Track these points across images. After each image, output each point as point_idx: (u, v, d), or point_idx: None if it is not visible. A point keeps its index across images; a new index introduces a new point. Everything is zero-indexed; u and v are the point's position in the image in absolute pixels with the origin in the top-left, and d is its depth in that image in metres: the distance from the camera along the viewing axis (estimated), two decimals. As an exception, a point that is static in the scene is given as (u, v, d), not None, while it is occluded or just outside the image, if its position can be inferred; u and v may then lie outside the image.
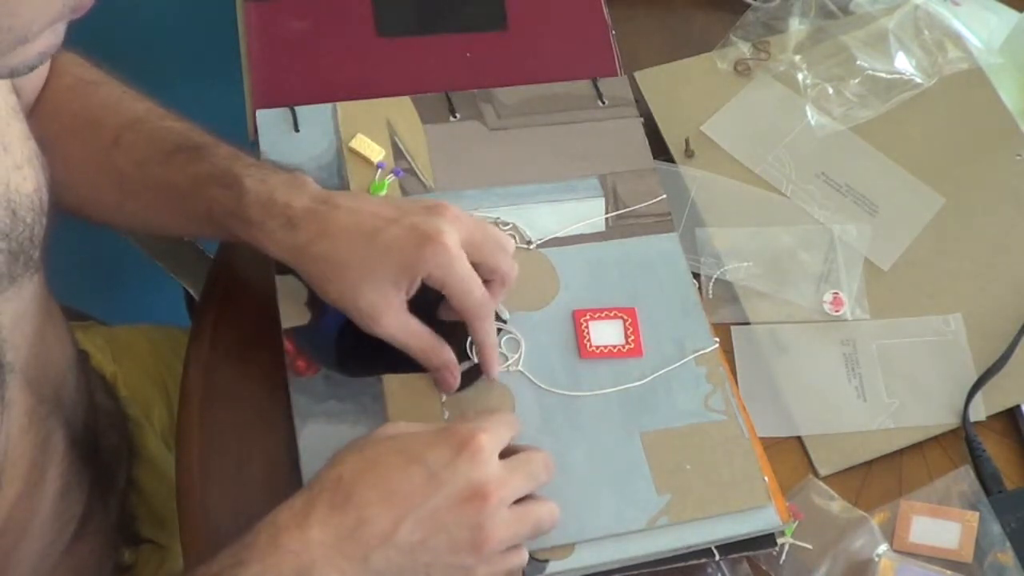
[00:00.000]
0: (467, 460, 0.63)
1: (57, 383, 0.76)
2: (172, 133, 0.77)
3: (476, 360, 0.76)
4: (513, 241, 0.76)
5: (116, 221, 0.81)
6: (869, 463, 0.79)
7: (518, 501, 0.65)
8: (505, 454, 0.66)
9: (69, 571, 0.80)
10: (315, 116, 0.86)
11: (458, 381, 0.74)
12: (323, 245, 0.71)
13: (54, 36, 0.54)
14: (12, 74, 0.54)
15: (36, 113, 0.79)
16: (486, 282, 0.72)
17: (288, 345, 0.76)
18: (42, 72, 0.81)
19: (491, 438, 0.65)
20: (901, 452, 0.80)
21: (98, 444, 0.84)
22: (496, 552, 0.63)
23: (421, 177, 0.84)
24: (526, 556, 0.66)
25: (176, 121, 0.79)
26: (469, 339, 0.77)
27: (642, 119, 0.90)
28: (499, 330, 0.78)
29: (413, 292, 0.72)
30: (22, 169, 0.68)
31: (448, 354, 0.74)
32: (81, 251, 0.81)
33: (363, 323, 0.72)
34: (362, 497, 0.62)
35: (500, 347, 0.77)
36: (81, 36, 0.61)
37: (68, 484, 0.77)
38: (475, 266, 0.72)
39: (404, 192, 0.84)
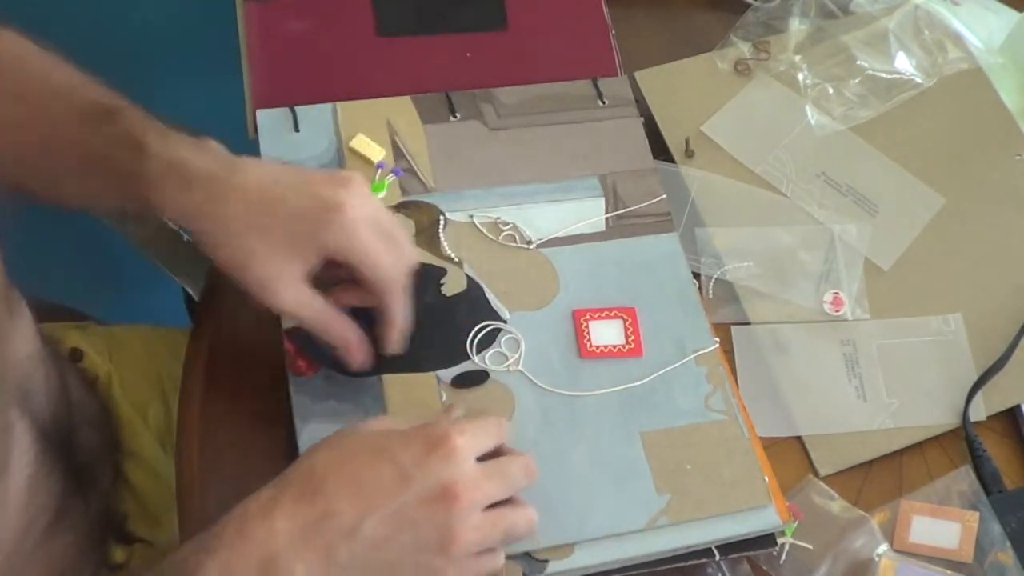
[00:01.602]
0: (440, 459, 0.62)
1: (19, 375, 0.76)
2: (90, 96, 0.75)
3: (476, 360, 0.76)
4: (410, 230, 0.74)
5: (38, 193, 0.79)
6: (869, 463, 0.79)
7: (497, 505, 0.65)
8: (497, 456, 0.66)
9: (46, 564, 0.80)
10: (315, 116, 0.86)
11: (364, 358, 0.72)
12: (217, 207, 0.69)
13: None
14: None
15: None
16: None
17: (288, 345, 0.76)
18: None
19: (468, 440, 0.64)
20: (901, 452, 0.80)
21: (72, 439, 0.83)
22: (466, 554, 0.63)
23: (421, 177, 0.84)
24: (501, 561, 0.65)
25: (99, 87, 0.77)
26: (469, 338, 0.77)
27: (642, 119, 0.90)
28: (499, 330, 0.78)
29: (316, 267, 0.70)
30: None
31: (349, 331, 0.72)
32: (81, 251, 0.81)
33: (256, 294, 0.69)
34: (330, 490, 0.62)
35: (500, 347, 0.77)
36: (81, 36, 0.61)
37: (36, 475, 0.77)
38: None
39: (404, 192, 0.84)
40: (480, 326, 0.78)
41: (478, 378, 0.75)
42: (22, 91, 0.78)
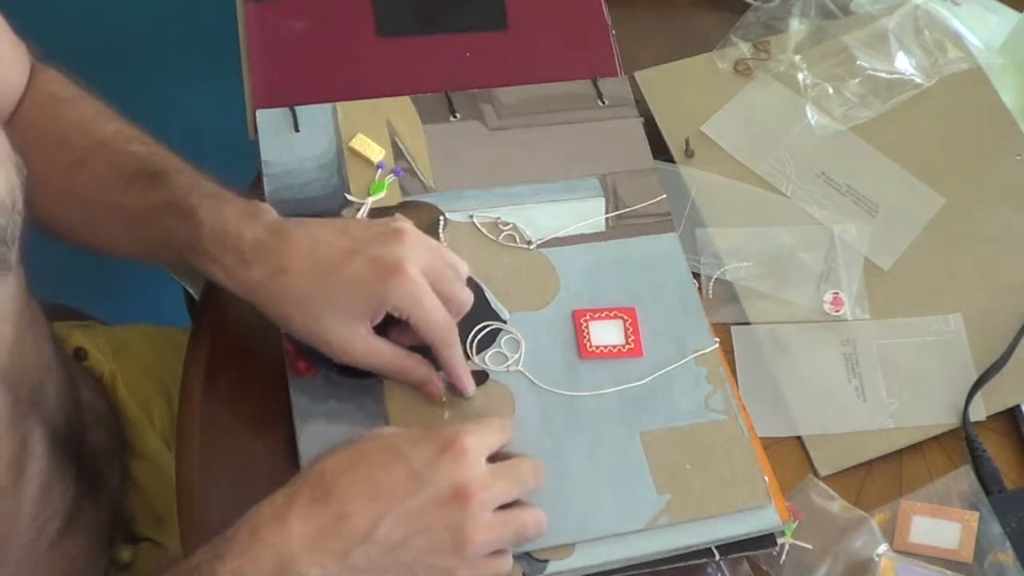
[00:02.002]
0: (451, 460, 0.63)
1: (35, 382, 0.76)
2: (134, 158, 0.76)
3: (475, 360, 0.76)
4: (467, 265, 0.75)
5: (81, 241, 0.80)
6: (869, 463, 0.79)
7: (507, 507, 0.65)
8: (498, 460, 0.66)
9: (58, 566, 0.80)
10: (315, 116, 0.86)
11: (442, 389, 0.74)
12: (281, 281, 0.70)
13: None
14: None
15: (9, 128, 0.79)
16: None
17: (288, 345, 0.76)
18: (17, 83, 0.81)
19: (477, 440, 0.64)
20: (901, 452, 0.80)
21: (83, 442, 0.83)
22: (478, 555, 0.63)
23: (421, 177, 0.84)
24: (510, 562, 0.66)
25: (143, 145, 0.78)
26: (469, 339, 0.77)
27: (642, 119, 0.90)
28: (499, 330, 0.78)
29: (379, 321, 0.71)
30: None
31: (423, 370, 0.73)
32: (81, 251, 0.81)
33: (333, 354, 0.71)
34: (343, 492, 0.62)
35: (500, 347, 0.77)
36: (81, 37, 0.61)
37: (50, 481, 0.77)
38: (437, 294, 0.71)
39: (404, 192, 0.84)
40: (480, 326, 0.78)
41: (478, 379, 0.75)
42: (64, 139, 0.78)
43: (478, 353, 0.77)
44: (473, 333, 0.77)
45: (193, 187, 0.74)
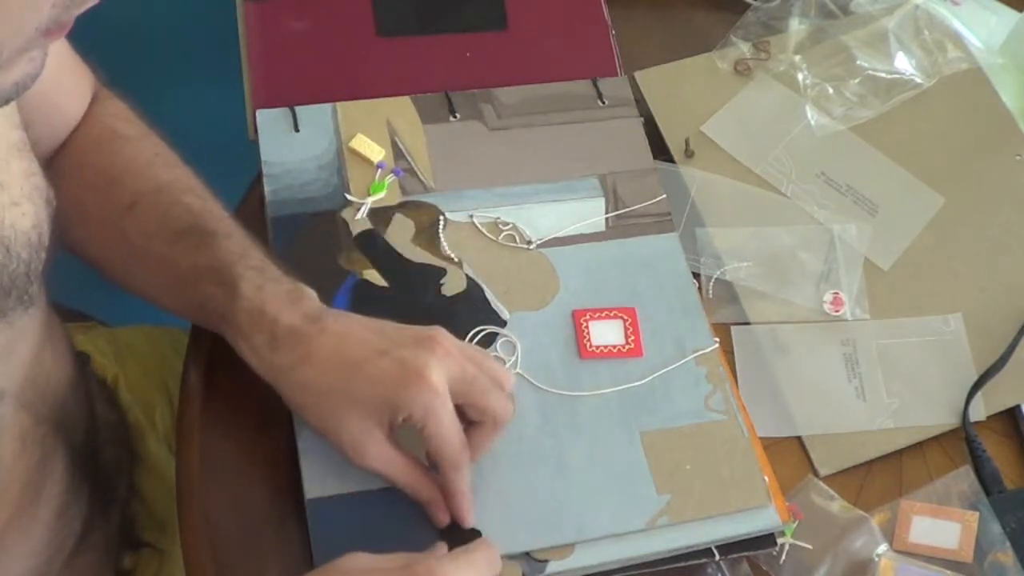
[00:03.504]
0: None
1: (56, 402, 0.76)
2: (187, 212, 0.74)
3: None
4: (513, 378, 0.71)
5: (123, 284, 0.78)
6: (869, 463, 0.79)
7: None
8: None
9: None
10: (315, 116, 0.86)
11: (448, 517, 0.69)
12: (305, 371, 0.68)
13: (31, 65, 0.51)
14: None
15: (60, 159, 0.77)
16: (475, 424, 0.69)
17: (288, 345, 0.76)
18: (75, 114, 0.79)
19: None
20: (901, 452, 0.80)
21: (98, 457, 0.83)
22: None
23: (421, 177, 0.84)
24: None
25: (198, 199, 0.75)
26: (467, 337, 0.77)
27: (642, 119, 0.90)
28: (495, 334, 0.78)
29: (397, 426, 0.68)
30: (20, 205, 0.66)
31: (433, 493, 0.69)
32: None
33: (345, 454, 0.68)
34: None
35: (497, 350, 0.77)
36: (81, 37, 0.61)
37: (67, 502, 0.77)
38: (465, 406, 0.68)
39: (404, 192, 0.84)
40: (476, 330, 0.77)
41: (470, 536, 0.70)
42: (118, 179, 0.76)
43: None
44: (469, 337, 0.77)
45: (240, 256, 0.71)
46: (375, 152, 0.85)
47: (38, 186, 0.68)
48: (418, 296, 0.79)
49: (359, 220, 0.82)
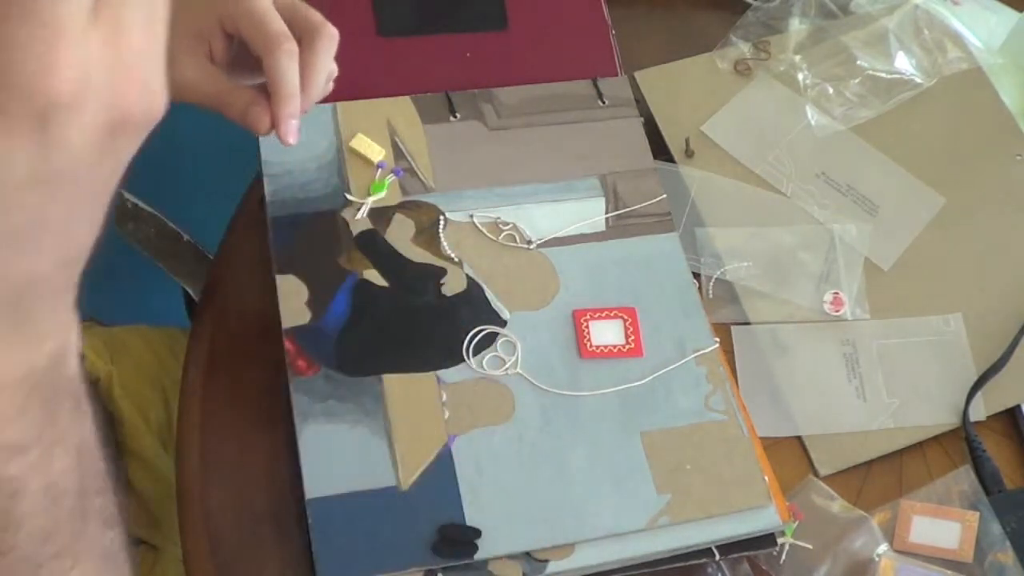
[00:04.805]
0: None
1: None
2: None
3: (472, 364, 0.76)
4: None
5: None
6: (869, 463, 0.79)
7: None
8: None
9: None
10: (315, 116, 0.86)
11: (268, 115, 0.65)
12: None
13: None
14: None
15: None
16: (307, 44, 0.65)
17: (288, 345, 0.76)
18: None
19: None
20: (901, 452, 0.80)
21: None
22: None
23: (421, 177, 0.84)
24: None
25: None
26: (465, 341, 0.77)
27: (642, 119, 0.90)
28: (495, 334, 0.78)
29: (218, 48, 0.65)
30: None
31: (247, 92, 0.66)
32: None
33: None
34: None
35: (497, 350, 0.77)
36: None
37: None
38: (288, 23, 0.65)
39: (404, 192, 0.84)
40: (476, 330, 0.77)
41: (471, 535, 0.70)
42: None
43: (476, 355, 0.77)
44: (469, 337, 0.77)
45: None
46: (375, 152, 0.85)
47: None
48: (418, 296, 0.79)
49: (359, 220, 0.82)
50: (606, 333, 0.79)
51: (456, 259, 0.81)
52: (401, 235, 0.82)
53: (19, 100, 0.33)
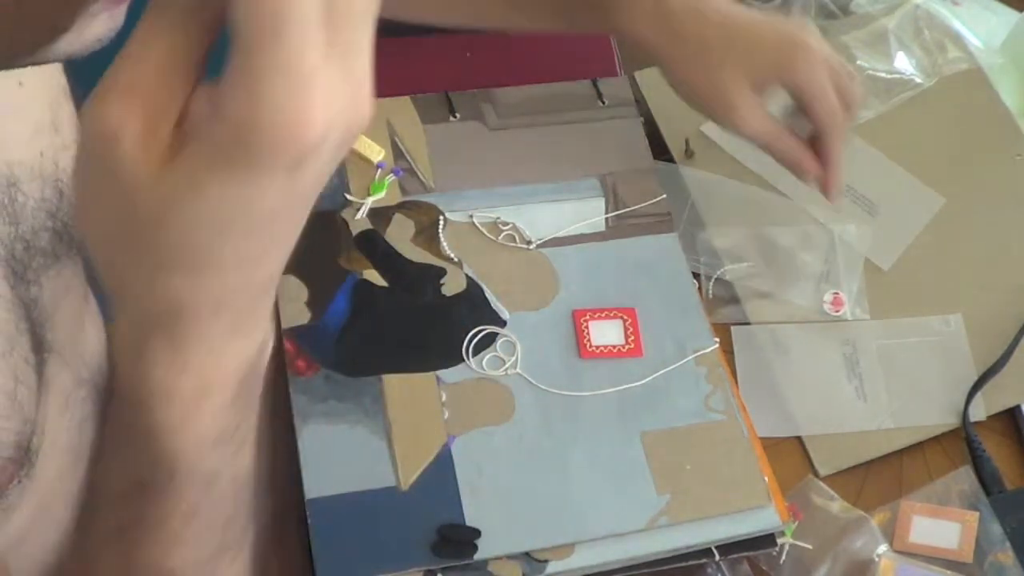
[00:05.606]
0: None
1: (93, 366, 0.76)
2: None
3: (472, 364, 0.76)
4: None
5: (441, 19, 0.82)
6: (869, 463, 0.79)
7: None
8: None
9: None
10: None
11: (816, 165, 0.75)
12: (693, 24, 0.73)
13: (112, 20, 0.52)
14: (69, 58, 0.52)
15: None
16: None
17: (288, 345, 0.76)
18: None
19: None
20: (901, 452, 0.80)
21: None
22: None
23: (421, 177, 0.84)
24: None
25: None
26: (465, 342, 0.77)
27: (642, 119, 0.90)
28: (495, 334, 0.78)
29: (765, 98, 0.73)
30: (70, 149, 0.66)
31: (803, 149, 0.75)
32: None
33: (721, 116, 0.74)
34: None
35: (496, 351, 0.77)
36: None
37: None
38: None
39: (404, 192, 0.84)
40: (475, 330, 0.77)
41: (470, 535, 0.70)
42: None
43: (475, 355, 0.77)
44: (469, 338, 0.77)
45: None
46: (375, 152, 0.85)
47: None
48: (418, 296, 0.79)
49: (359, 220, 0.82)
50: (606, 333, 0.79)
51: (456, 259, 0.81)
52: (401, 235, 0.82)
53: (273, 152, 0.36)
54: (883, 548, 0.74)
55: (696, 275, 0.84)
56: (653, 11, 0.73)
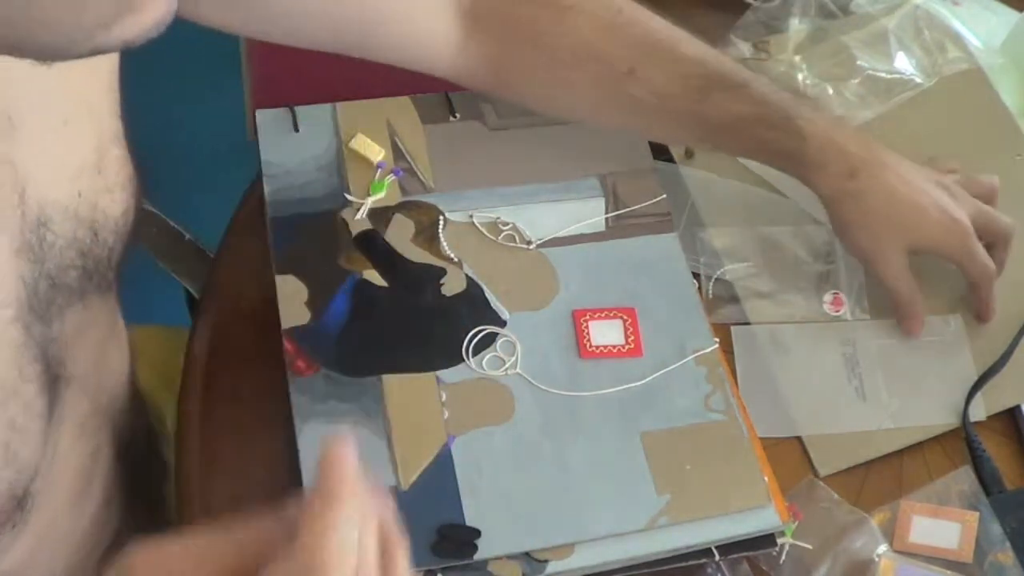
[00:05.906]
0: None
1: (113, 394, 0.76)
2: (698, 67, 0.81)
3: (472, 364, 0.76)
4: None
5: (608, 124, 0.86)
6: (869, 463, 0.79)
7: None
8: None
9: None
10: (315, 116, 0.86)
11: (919, 331, 0.82)
12: (873, 200, 0.79)
13: (169, 3, 0.51)
14: (125, 46, 0.49)
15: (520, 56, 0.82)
16: (989, 246, 0.82)
17: (288, 345, 0.76)
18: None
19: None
20: (901, 452, 0.80)
21: (141, 455, 0.84)
22: None
23: (421, 177, 0.84)
24: None
25: (692, 46, 0.82)
26: (465, 342, 0.77)
27: (642, 119, 0.90)
28: (495, 334, 0.78)
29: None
30: (113, 192, 0.67)
31: (919, 308, 0.82)
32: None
33: (870, 261, 0.81)
34: None
35: (496, 351, 0.77)
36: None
37: (111, 495, 0.77)
38: (980, 230, 0.81)
39: (404, 192, 0.84)
40: (475, 330, 0.77)
41: (469, 535, 0.70)
42: (603, 54, 0.81)
43: (475, 355, 0.77)
44: (469, 337, 0.77)
45: (782, 100, 0.81)
46: (375, 152, 0.85)
47: (131, 176, 0.69)
48: (418, 296, 0.79)
49: (359, 220, 0.82)
50: (606, 333, 0.79)
51: (456, 259, 0.81)
52: (401, 235, 0.82)
53: None
54: (883, 548, 0.74)
55: (696, 275, 0.84)
56: (844, 187, 0.80)
